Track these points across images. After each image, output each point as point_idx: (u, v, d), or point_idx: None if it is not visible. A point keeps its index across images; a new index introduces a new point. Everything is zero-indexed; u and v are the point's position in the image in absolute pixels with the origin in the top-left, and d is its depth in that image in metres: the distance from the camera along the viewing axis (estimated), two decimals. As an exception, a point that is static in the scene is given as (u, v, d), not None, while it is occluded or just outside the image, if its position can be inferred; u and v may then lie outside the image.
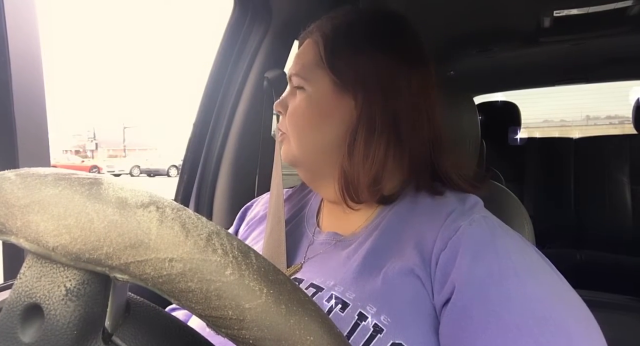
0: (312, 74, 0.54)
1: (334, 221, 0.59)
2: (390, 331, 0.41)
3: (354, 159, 0.51)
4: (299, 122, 0.54)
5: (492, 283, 0.40)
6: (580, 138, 2.19)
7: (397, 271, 0.45)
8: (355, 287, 0.46)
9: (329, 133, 0.53)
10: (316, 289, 0.47)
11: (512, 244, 0.44)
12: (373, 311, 0.43)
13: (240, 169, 1.04)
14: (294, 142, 0.55)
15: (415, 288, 0.44)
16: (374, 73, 0.51)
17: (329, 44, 0.54)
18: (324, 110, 0.53)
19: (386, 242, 0.50)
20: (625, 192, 1.98)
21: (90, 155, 32.30)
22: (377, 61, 0.51)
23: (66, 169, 0.23)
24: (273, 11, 0.99)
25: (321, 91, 0.53)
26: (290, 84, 0.58)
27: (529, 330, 0.35)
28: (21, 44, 0.63)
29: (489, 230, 0.45)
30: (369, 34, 0.53)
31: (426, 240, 0.46)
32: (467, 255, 0.42)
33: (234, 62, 1.02)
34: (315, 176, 0.58)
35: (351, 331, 0.42)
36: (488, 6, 1.22)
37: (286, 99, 0.58)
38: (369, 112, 0.51)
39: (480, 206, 0.51)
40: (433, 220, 0.48)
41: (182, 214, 0.21)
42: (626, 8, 1.19)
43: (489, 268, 0.41)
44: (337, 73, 0.52)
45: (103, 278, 0.21)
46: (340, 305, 0.44)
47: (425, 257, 0.45)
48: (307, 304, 0.21)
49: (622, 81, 2.45)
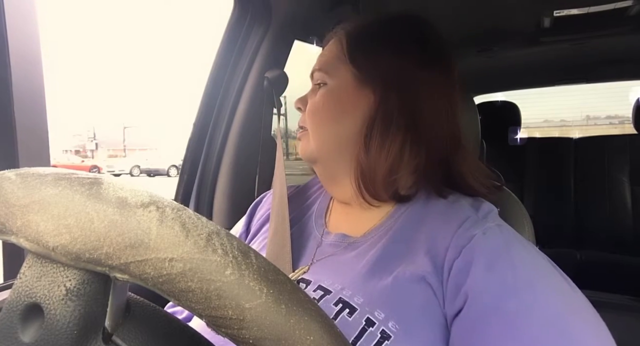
0: (334, 68, 0.55)
1: (343, 222, 0.58)
2: (398, 338, 0.40)
3: (371, 151, 0.51)
4: (319, 114, 0.56)
5: (507, 294, 0.39)
6: (580, 138, 2.19)
7: (407, 277, 0.44)
8: (364, 291, 0.45)
9: (348, 126, 0.53)
10: (324, 292, 0.47)
11: (526, 254, 0.43)
12: (381, 317, 0.42)
13: (240, 169, 1.04)
14: (312, 137, 0.56)
15: (426, 296, 0.43)
16: (394, 69, 0.52)
17: (352, 40, 0.55)
18: (344, 102, 0.54)
19: (397, 246, 0.49)
20: (625, 192, 1.98)
21: (90, 155, 32.29)
22: (398, 58, 0.52)
23: (66, 169, 0.23)
24: (273, 11, 0.99)
25: (342, 84, 0.55)
26: (312, 81, 0.60)
27: (545, 342, 0.35)
28: (21, 44, 0.63)
29: (503, 240, 0.45)
30: (392, 33, 0.55)
31: (439, 247, 0.46)
32: (481, 264, 0.42)
33: (234, 62, 1.02)
34: (331, 173, 0.58)
35: (358, 336, 0.41)
36: (488, 6, 1.22)
37: (307, 96, 0.59)
38: (386, 106, 0.51)
39: (494, 214, 0.50)
40: (446, 226, 0.47)
41: (182, 214, 0.21)
42: (626, 8, 1.19)
43: (504, 278, 0.40)
44: (357, 66, 0.53)
45: (103, 278, 0.21)
46: (347, 309, 0.43)
47: (437, 264, 0.45)
48: (307, 304, 0.21)
49: (622, 81, 2.45)
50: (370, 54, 0.54)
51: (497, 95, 2.49)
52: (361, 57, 0.54)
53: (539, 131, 11.21)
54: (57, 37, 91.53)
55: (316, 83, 0.57)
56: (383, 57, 0.53)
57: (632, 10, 1.20)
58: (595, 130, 12.40)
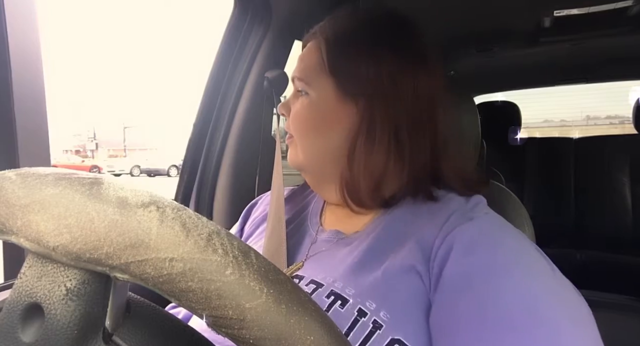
0: (315, 78, 0.54)
1: (336, 220, 0.59)
2: (389, 327, 0.41)
3: (354, 168, 0.51)
4: (302, 127, 0.55)
5: (480, 277, 0.40)
6: (580, 138, 2.19)
7: (397, 267, 0.45)
8: (355, 283, 0.46)
9: (332, 140, 0.53)
10: (316, 285, 0.48)
11: (508, 240, 0.44)
12: (373, 307, 0.43)
13: (240, 169, 1.04)
14: (299, 147, 0.56)
15: (415, 285, 0.44)
16: (377, 79, 0.50)
17: (331, 48, 0.53)
18: (326, 116, 0.53)
19: (387, 238, 0.50)
20: (625, 191, 1.98)
21: (91, 155, 32.30)
22: (379, 66, 0.50)
23: (66, 169, 0.23)
24: (273, 11, 0.99)
25: (324, 97, 0.53)
26: (293, 86, 0.58)
27: (514, 323, 0.35)
28: (21, 44, 0.63)
29: (486, 227, 0.46)
30: (372, 37, 0.53)
31: (428, 238, 0.47)
32: (460, 249, 0.43)
33: (234, 62, 1.02)
34: (319, 181, 0.59)
35: (351, 327, 0.42)
36: (488, 6, 1.22)
37: (289, 102, 0.58)
38: (369, 119, 0.50)
39: (483, 205, 0.51)
40: (436, 218, 0.48)
41: (183, 214, 0.21)
42: (626, 8, 1.19)
43: (481, 261, 0.41)
44: (339, 80, 0.52)
45: (103, 277, 0.21)
46: (339, 301, 0.44)
47: (425, 254, 0.46)
48: (308, 304, 0.21)
49: (622, 81, 2.45)
50: (351, 65, 0.51)
51: (497, 95, 2.49)
52: (341, 68, 0.52)
53: (539, 131, 11.20)
54: (57, 37, 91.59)
55: (297, 90, 0.56)
56: (364, 67, 0.51)
57: (632, 10, 1.20)
58: (595, 130, 12.40)
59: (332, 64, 0.52)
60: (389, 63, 0.51)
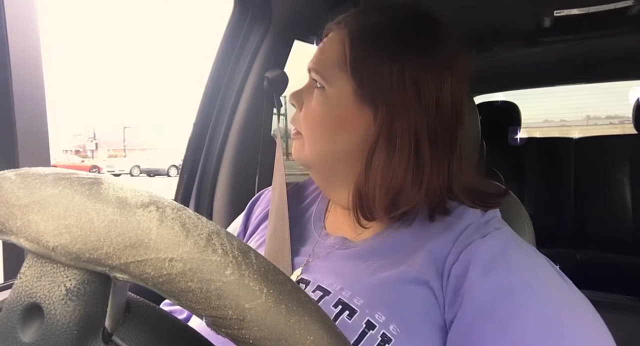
0: (334, 74, 0.51)
1: (342, 224, 0.56)
2: (398, 342, 0.40)
3: (371, 178, 0.47)
4: (315, 126, 0.52)
5: (500, 297, 0.39)
6: (580, 138, 2.19)
7: (410, 280, 0.44)
8: (364, 293, 0.44)
9: (345, 144, 0.50)
10: (323, 292, 0.46)
11: (524, 257, 0.43)
12: (382, 319, 0.42)
13: (240, 169, 1.04)
14: (307, 145, 0.53)
15: (428, 300, 0.43)
16: (400, 86, 0.47)
17: (355, 45, 0.49)
18: (342, 118, 0.50)
19: (399, 248, 0.48)
20: (625, 191, 1.98)
21: (91, 155, 32.29)
22: (403, 72, 0.47)
23: (66, 169, 0.23)
24: (273, 11, 0.99)
25: (341, 96, 0.50)
26: (309, 77, 0.55)
27: (537, 343, 0.35)
28: (21, 44, 0.63)
29: (501, 244, 0.44)
30: (398, 38, 0.49)
31: (441, 253, 0.45)
32: (477, 268, 0.41)
33: (234, 62, 1.02)
34: (327, 181, 0.56)
35: (358, 339, 0.41)
36: (488, 6, 1.21)
37: (302, 93, 0.55)
38: (389, 128, 0.47)
39: (497, 219, 0.49)
40: (449, 232, 0.47)
41: (182, 214, 0.21)
42: (626, 8, 1.19)
43: (499, 281, 0.40)
44: (359, 83, 0.49)
45: (103, 278, 0.21)
46: (347, 311, 0.43)
47: (438, 269, 0.44)
48: (308, 304, 0.21)
49: (622, 81, 2.45)
50: (374, 68, 0.48)
51: (497, 95, 2.49)
52: (363, 70, 0.48)
53: (539, 131, 11.21)
54: (57, 37, 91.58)
55: (313, 79, 0.53)
56: (387, 71, 0.47)
57: (632, 10, 1.20)
58: (595, 130, 12.40)
59: (355, 63, 0.49)
60: (414, 69, 0.47)
